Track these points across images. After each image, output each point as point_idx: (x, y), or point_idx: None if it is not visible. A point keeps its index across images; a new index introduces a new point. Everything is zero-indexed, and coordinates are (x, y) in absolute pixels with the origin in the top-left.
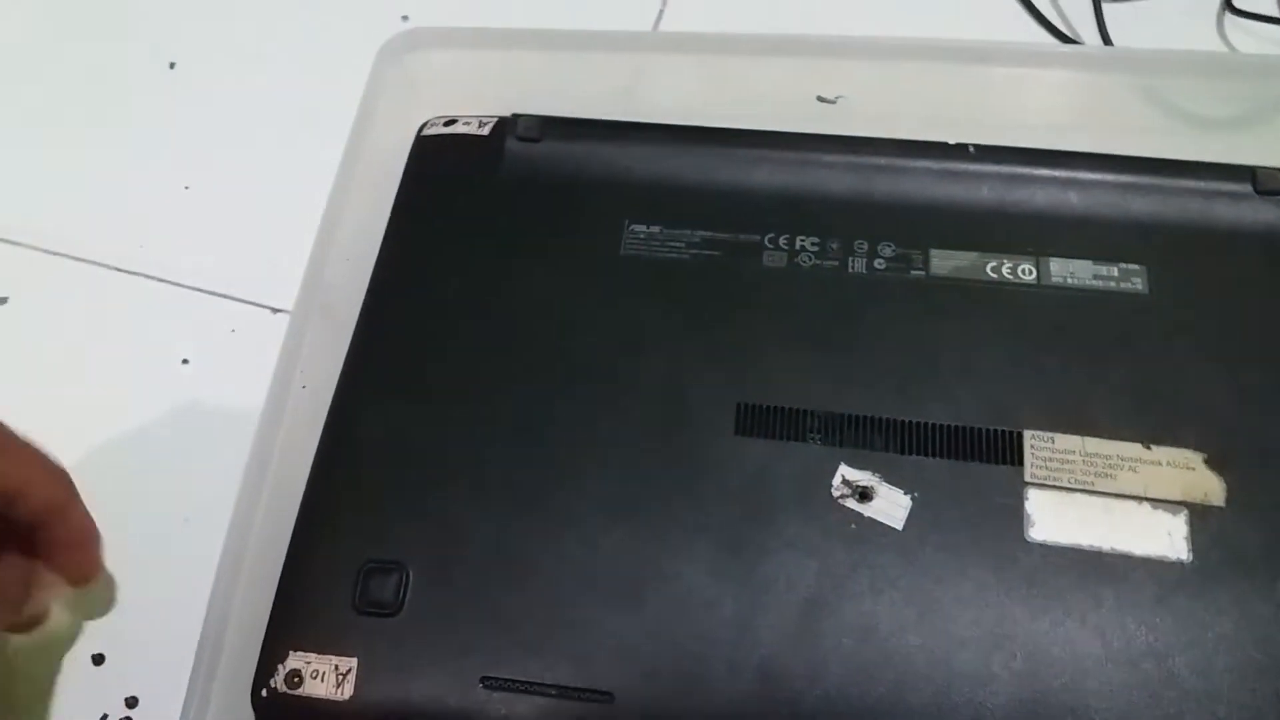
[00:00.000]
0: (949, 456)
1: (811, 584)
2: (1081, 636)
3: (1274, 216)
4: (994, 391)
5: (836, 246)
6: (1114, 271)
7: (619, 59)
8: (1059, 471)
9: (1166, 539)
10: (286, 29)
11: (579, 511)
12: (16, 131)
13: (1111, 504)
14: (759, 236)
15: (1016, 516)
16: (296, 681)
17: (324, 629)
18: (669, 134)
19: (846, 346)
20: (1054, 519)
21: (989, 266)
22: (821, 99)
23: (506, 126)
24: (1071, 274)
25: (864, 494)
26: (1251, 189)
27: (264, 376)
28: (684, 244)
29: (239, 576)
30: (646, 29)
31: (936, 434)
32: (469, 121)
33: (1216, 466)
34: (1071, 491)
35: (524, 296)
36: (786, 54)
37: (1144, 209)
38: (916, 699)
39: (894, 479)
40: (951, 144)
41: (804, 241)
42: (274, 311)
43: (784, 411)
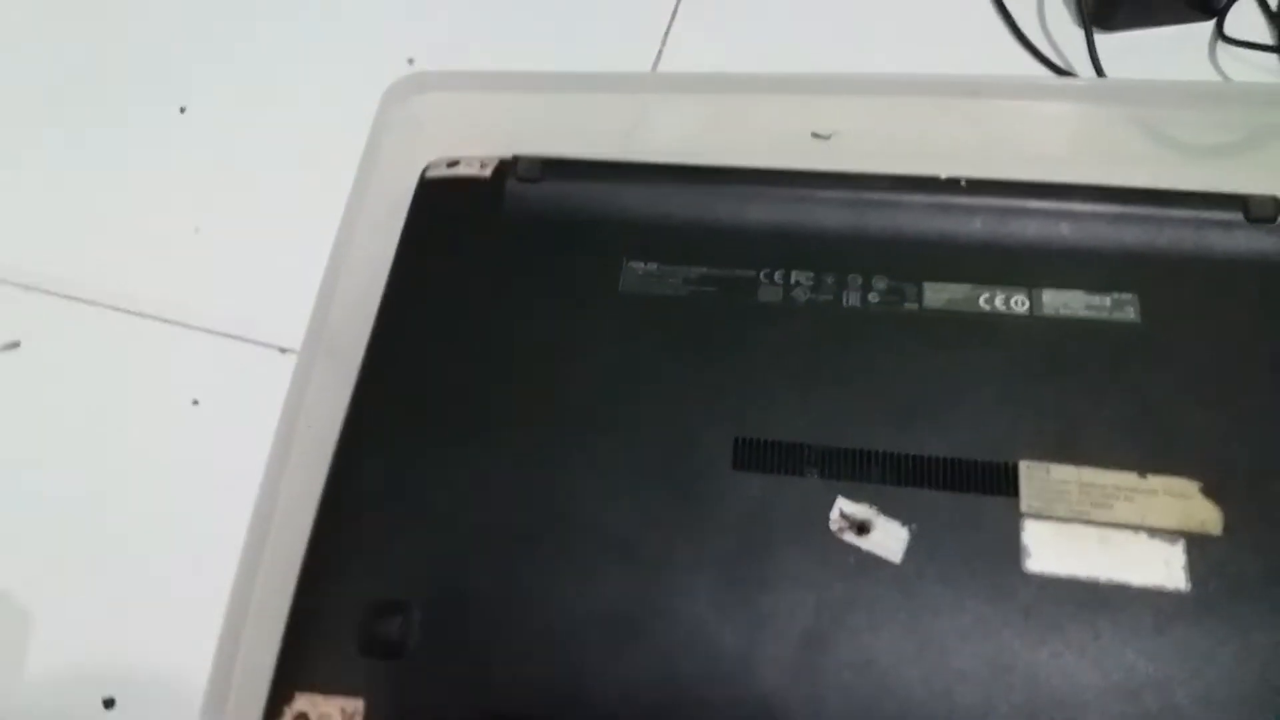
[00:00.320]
0: (946, 488)
1: (811, 618)
2: (1081, 668)
3: (1266, 244)
4: (989, 423)
5: (831, 281)
6: (1106, 302)
7: (619, 99)
8: (1055, 502)
9: (1164, 569)
10: (294, 73)
11: (581, 549)
12: (28, 174)
13: (1108, 534)
14: (755, 272)
15: (1014, 548)
16: None
17: (331, 671)
18: (666, 173)
19: (842, 380)
20: (1051, 550)
21: (982, 299)
22: (816, 135)
23: (507, 168)
24: (1064, 305)
25: (862, 527)
26: (1243, 217)
27: (272, 417)
28: (681, 280)
29: (246, 618)
30: (646, 69)
31: (933, 466)
32: (471, 163)
33: (1213, 495)
34: (1068, 522)
35: (525, 335)
36: (781, 92)
37: (1136, 239)
38: None
39: (891, 511)
40: (944, 178)
41: (799, 276)
42: (282, 351)
43: (781, 445)
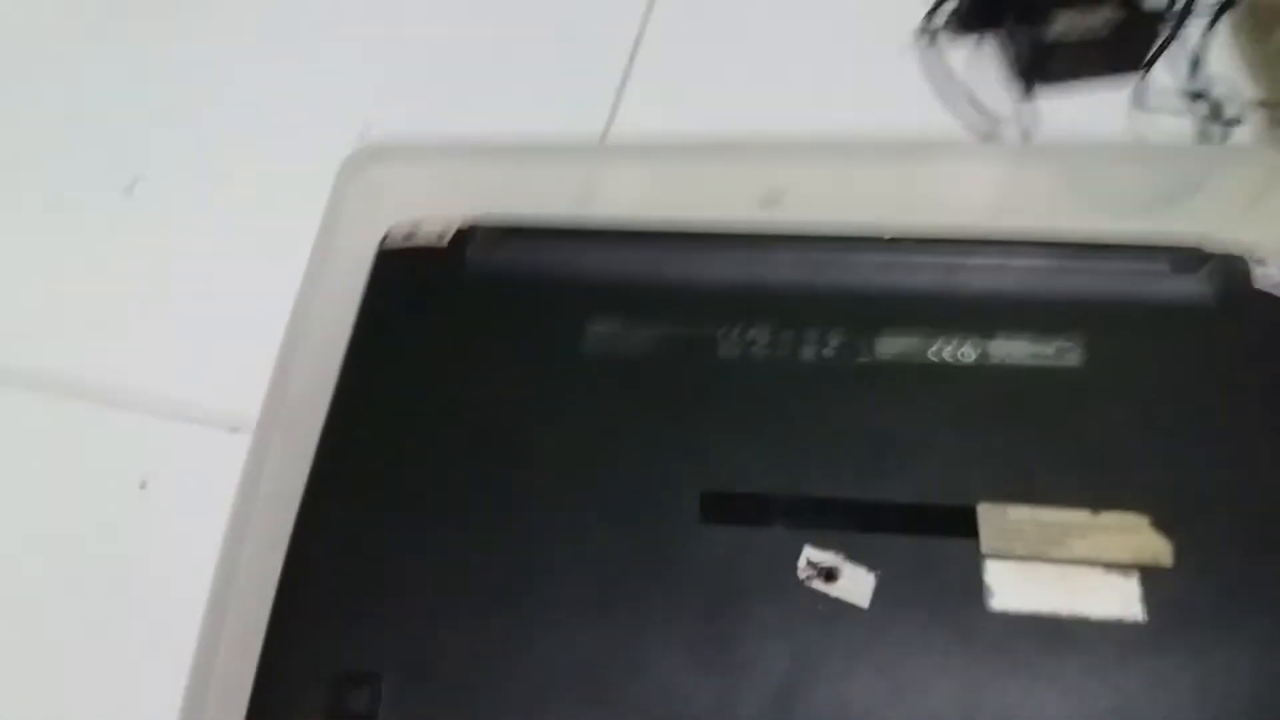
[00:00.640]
0: (908, 533)
1: (784, 668)
2: (1048, 701)
3: (1192, 290)
4: (946, 468)
5: (787, 336)
6: (1050, 349)
7: (573, 166)
8: (1013, 542)
9: (1121, 601)
10: (248, 145)
11: (551, 610)
12: None
13: (1066, 570)
14: (713, 330)
15: (976, 588)
16: None
17: None
18: (624, 236)
19: (803, 431)
20: (1013, 588)
21: (931, 350)
22: (768, 196)
23: (465, 235)
24: (1010, 353)
25: (829, 574)
26: (1172, 266)
27: (226, 495)
28: (643, 340)
29: (206, 702)
30: (597, 134)
31: (894, 512)
32: (429, 232)
33: (1162, 528)
34: (1027, 561)
35: (488, 401)
36: (733, 155)
37: (1074, 288)
38: None
39: (857, 558)
40: (891, 236)
41: (756, 333)
42: (233, 431)
43: (747, 497)
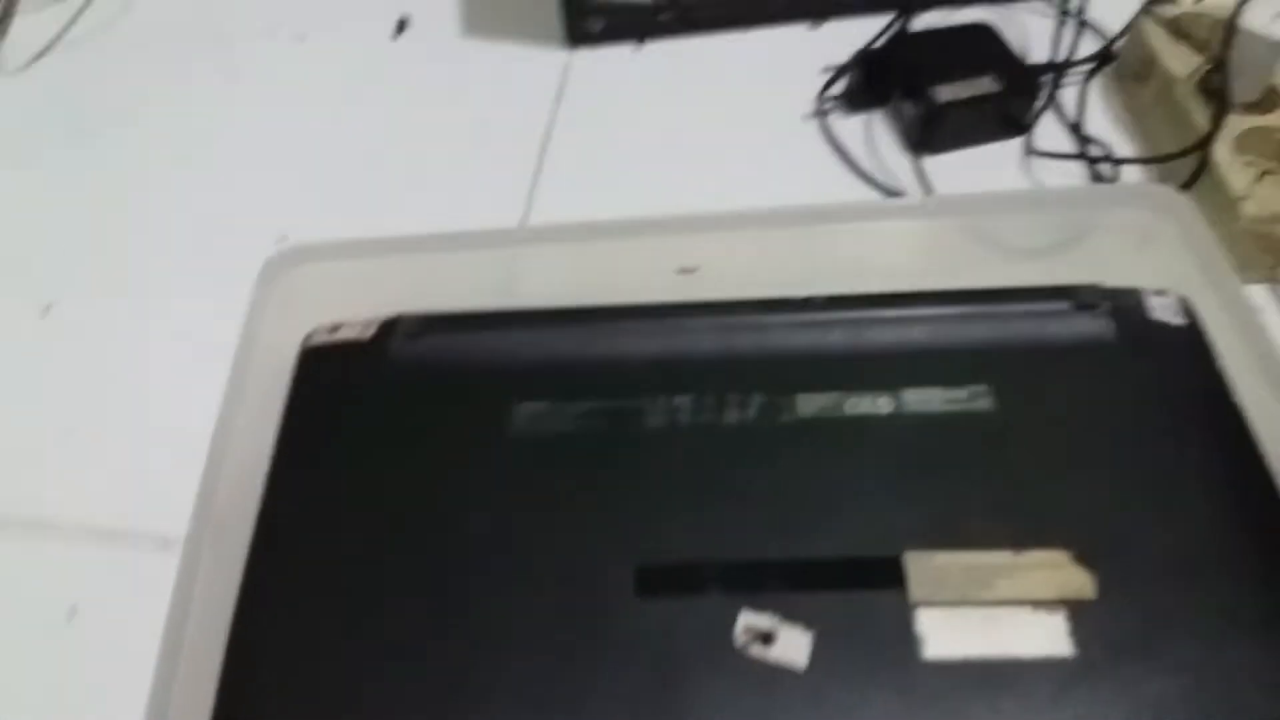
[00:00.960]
0: (840, 588)
1: None
2: None
3: (1095, 328)
4: (871, 520)
5: (711, 402)
6: (962, 394)
7: (492, 254)
8: (941, 588)
9: (1049, 638)
10: (163, 261)
11: (495, 702)
12: None
13: (994, 613)
14: (638, 401)
15: (909, 638)
16: None
17: None
18: (545, 317)
19: (732, 495)
20: (944, 635)
21: (848, 405)
22: (682, 270)
23: (390, 328)
24: (924, 401)
25: (766, 637)
26: (1073, 306)
27: (159, 614)
28: (570, 417)
29: None
30: (515, 222)
31: (825, 568)
32: (353, 327)
33: (1083, 561)
34: (956, 606)
35: (419, 492)
36: (648, 233)
37: (981, 335)
38: None
39: (793, 618)
40: (802, 298)
41: (680, 401)
42: (162, 548)
43: (681, 568)
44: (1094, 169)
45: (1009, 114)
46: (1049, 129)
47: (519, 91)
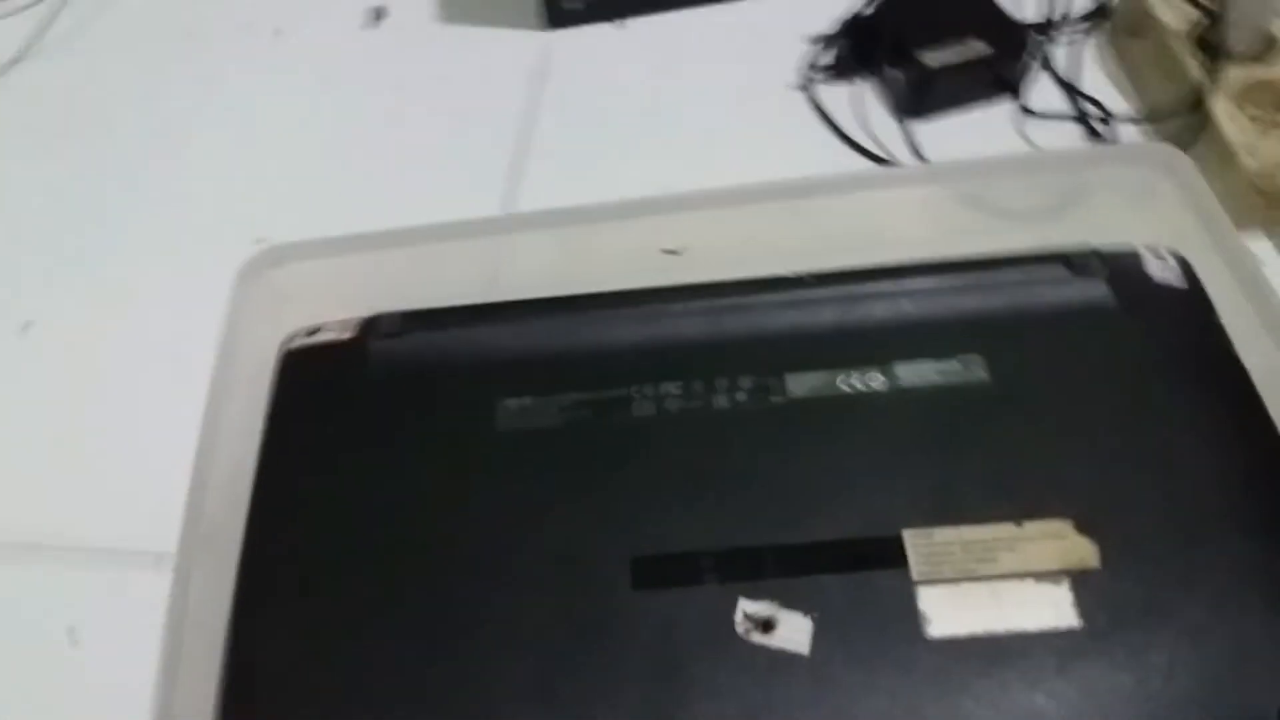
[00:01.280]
0: (840, 571)
1: None
2: None
3: (1089, 293)
4: (868, 500)
5: (699, 387)
6: (956, 366)
7: (475, 245)
8: (942, 564)
9: (1054, 610)
10: (142, 268)
11: (494, 702)
12: None
13: (997, 587)
14: (626, 390)
15: (912, 616)
16: None
17: None
18: (527, 309)
19: (724, 481)
20: (948, 612)
21: (841, 381)
22: (667, 251)
23: (370, 327)
24: (918, 375)
25: (766, 625)
26: (1068, 271)
27: (157, 630)
28: (557, 410)
29: None
30: (496, 211)
31: (823, 551)
32: (332, 328)
33: (1086, 530)
34: (958, 582)
35: (408, 492)
36: (630, 216)
37: (974, 304)
38: None
39: (793, 604)
40: (790, 276)
41: (669, 387)
42: (157, 560)
43: (677, 557)
44: (1090, 128)
45: (1000, 75)
46: (1043, 89)
47: (500, 76)
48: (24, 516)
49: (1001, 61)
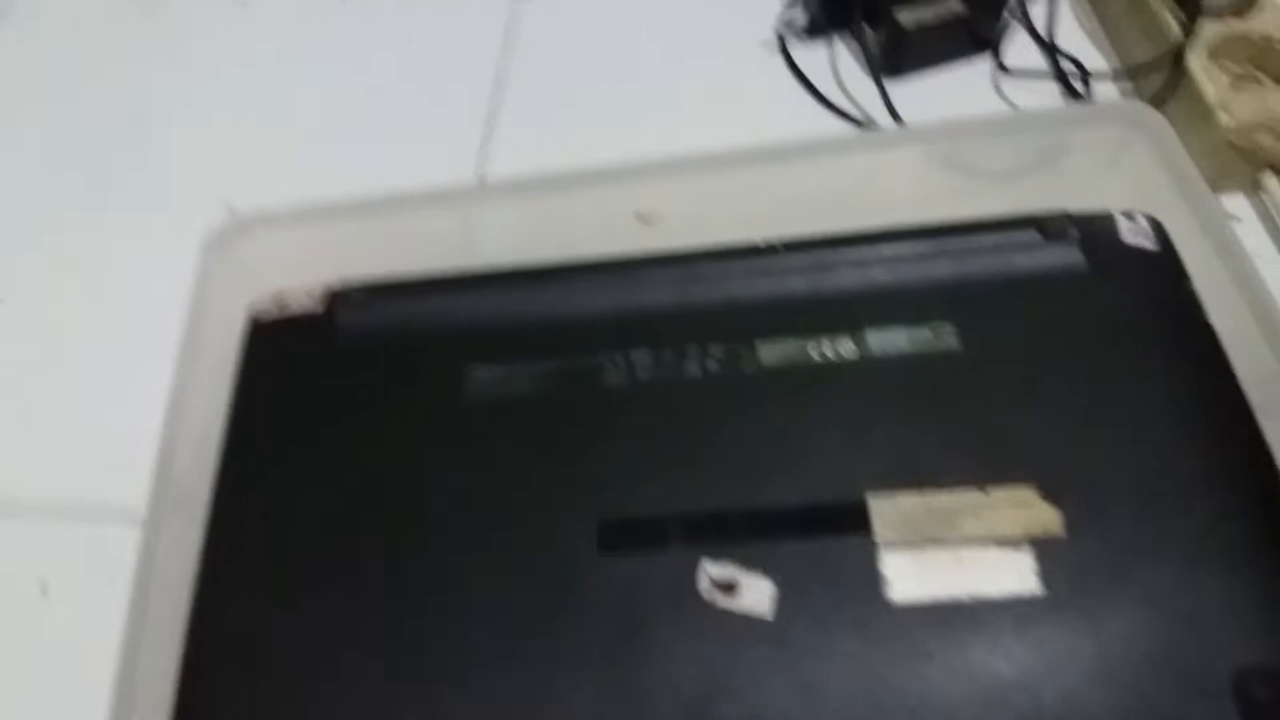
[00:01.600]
0: (804, 536)
1: (695, 690)
2: (954, 686)
3: (1062, 259)
4: (834, 466)
5: (670, 355)
6: (926, 334)
7: (446, 213)
8: (906, 530)
9: (1017, 576)
10: (111, 237)
11: (459, 667)
12: None
13: (961, 552)
14: (596, 358)
15: (875, 581)
16: None
17: None
18: (495, 279)
19: (694, 448)
20: (910, 577)
21: (812, 349)
22: (640, 218)
23: (336, 298)
24: (889, 343)
25: (730, 588)
26: (1040, 236)
27: (125, 590)
28: (526, 378)
29: None
30: (470, 176)
31: (788, 516)
32: (298, 298)
33: (1051, 498)
34: (921, 547)
35: (376, 463)
36: (602, 182)
37: (945, 271)
38: None
39: (757, 568)
40: (761, 244)
41: (639, 356)
42: (131, 520)
43: (644, 521)
44: (1068, 86)
45: (976, 32)
46: (1020, 47)
47: (468, 43)
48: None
49: (978, 20)
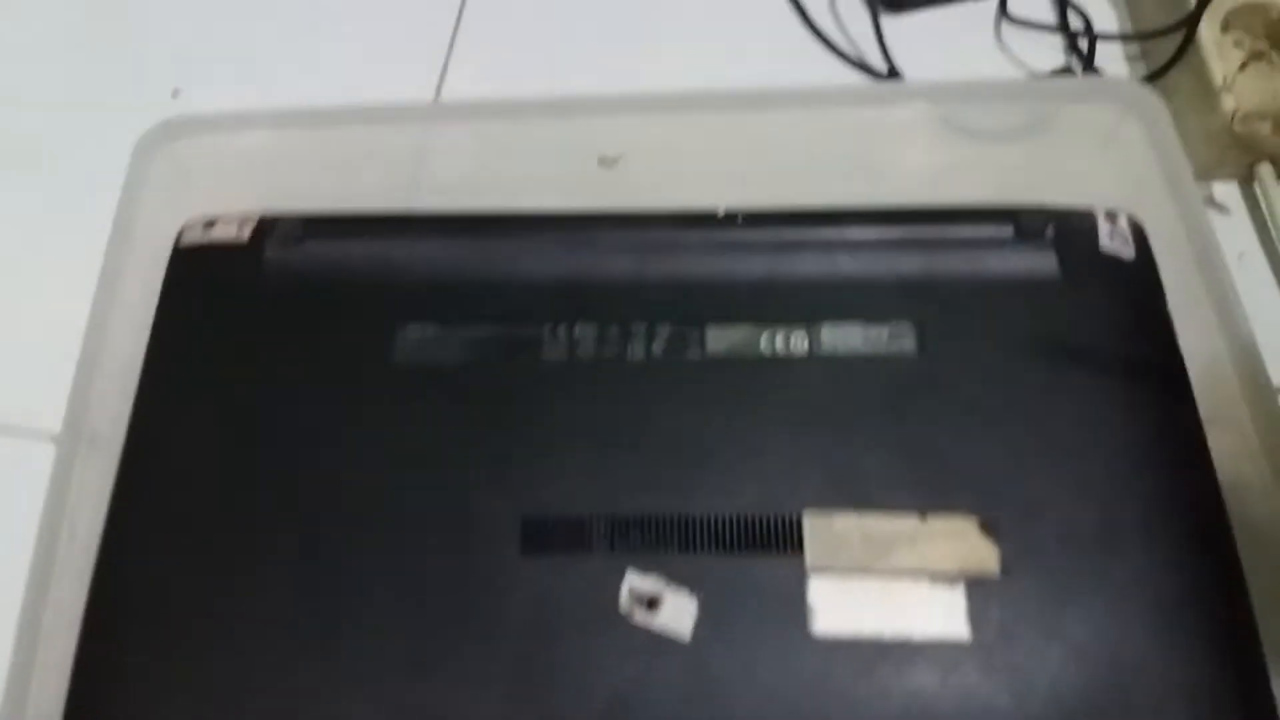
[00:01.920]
0: (733, 551)
1: (604, 712)
2: None
3: (1035, 263)
4: (773, 476)
5: (615, 333)
6: (883, 334)
7: (397, 132)
8: (838, 555)
9: (946, 617)
10: (48, 137)
11: (365, 664)
12: None
13: (891, 585)
14: (538, 328)
15: (800, 609)
16: None
17: None
18: (437, 225)
19: (628, 442)
20: (836, 608)
21: (763, 340)
22: (604, 160)
23: (266, 229)
24: (842, 341)
25: (652, 602)
26: (1015, 233)
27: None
28: (460, 344)
29: None
30: (426, 95)
31: (720, 528)
32: (229, 224)
33: (990, 531)
34: (851, 575)
35: (292, 418)
36: (566, 115)
37: (911, 265)
38: None
39: (681, 582)
40: (721, 214)
41: (583, 330)
42: (47, 440)
43: (570, 521)
44: (1072, 42)
45: None
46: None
47: None
48: None
49: None
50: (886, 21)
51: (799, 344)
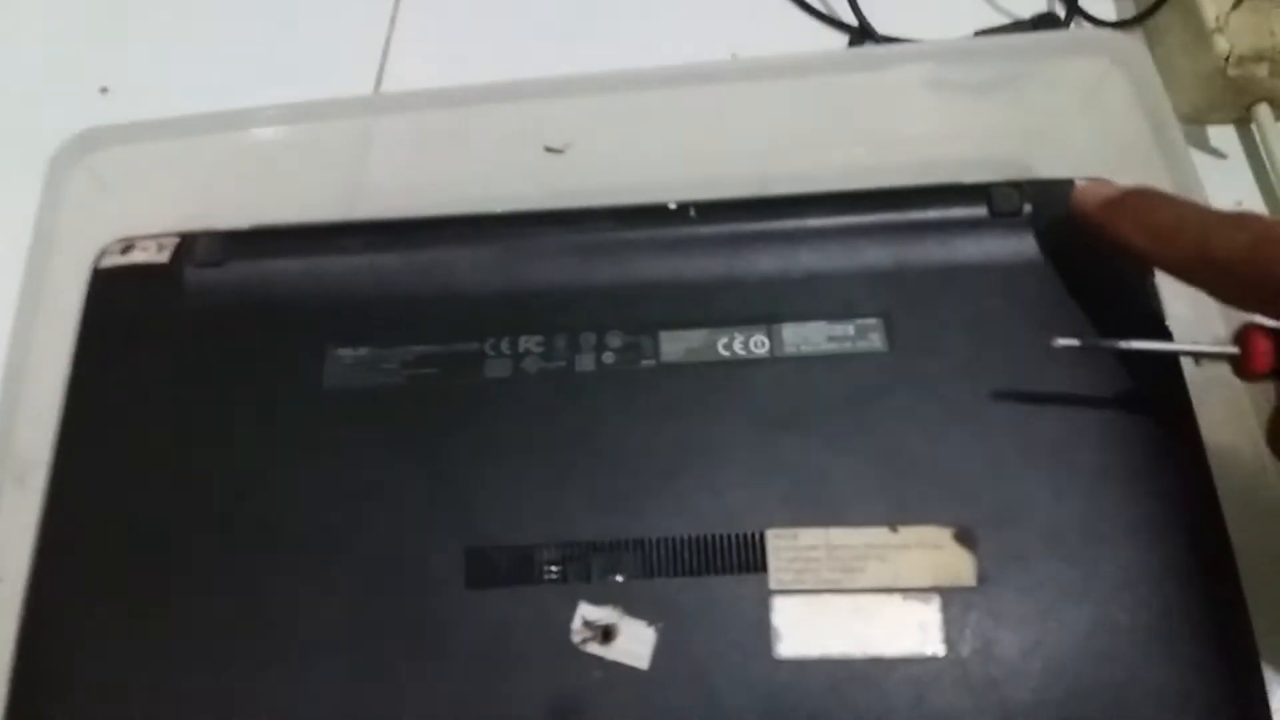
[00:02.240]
0: (693, 573)
1: None
2: None
3: (1010, 243)
4: (734, 491)
5: (563, 343)
6: (849, 330)
7: (333, 127)
8: (804, 572)
9: (919, 633)
10: None
11: (302, 708)
12: None
13: (861, 602)
14: (479, 344)
15: (764, 632)
16: None
17: None
18: (367, 235)
19: (579, 462)
20: (803, 629)
21: (721, 344)
22: (550, 149)
23: (187, 249)
24: (805, 340)
25: (606, 633)
26: (987, 212)
27: None
28: (397, 364)
29: None
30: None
31: (678, 550)
32: (147, 245)
33: (965, 541)
34: (819, 594)
35: (220, 449)
36: (509, 100)
37: (877, 253)
38: None
39: (638, 609)
40: (672, 208)
41: (528, 343)
42: None
43: (518, 551)
44: None
45: None
46: None
47: None
48: None
49: None
50: None
51: (759, 346)
